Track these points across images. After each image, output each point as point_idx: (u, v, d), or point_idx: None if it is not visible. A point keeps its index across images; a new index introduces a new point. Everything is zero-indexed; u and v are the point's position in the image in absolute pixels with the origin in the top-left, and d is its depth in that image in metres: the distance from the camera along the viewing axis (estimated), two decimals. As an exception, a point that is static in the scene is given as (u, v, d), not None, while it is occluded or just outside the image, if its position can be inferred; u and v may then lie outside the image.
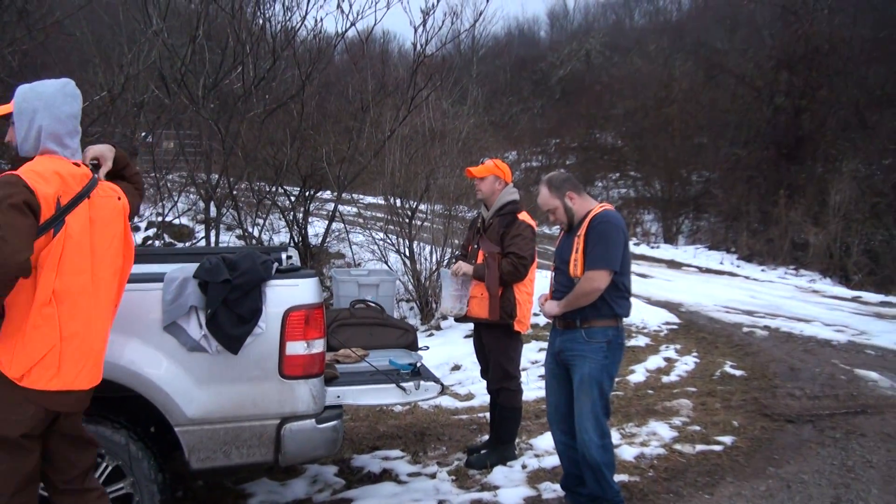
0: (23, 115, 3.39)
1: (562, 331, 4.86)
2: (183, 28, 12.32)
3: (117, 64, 11.86)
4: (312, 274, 4.48)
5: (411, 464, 6.08)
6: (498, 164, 6.02)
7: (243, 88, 11.90)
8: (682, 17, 45.85)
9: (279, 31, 12.33)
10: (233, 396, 4.25)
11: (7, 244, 2.99)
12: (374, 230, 14.25)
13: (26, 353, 3.20)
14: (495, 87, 33.76)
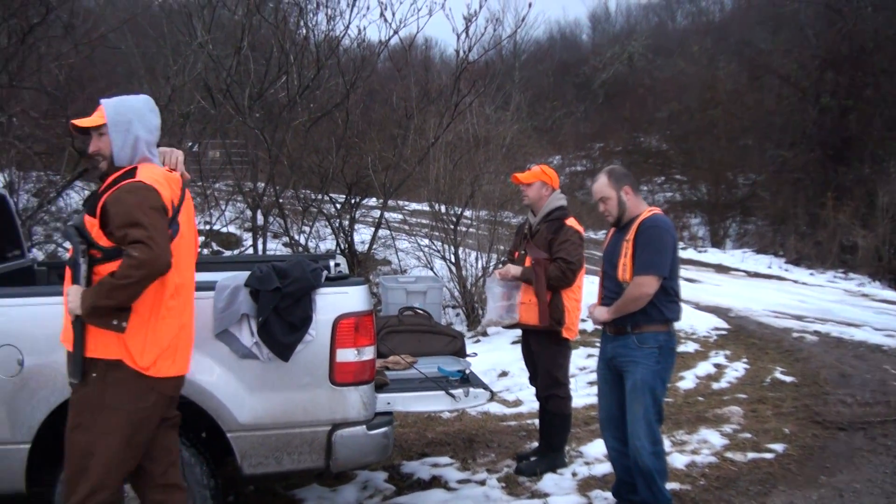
0: (118, 126, 3.58)
1: (613, 337, 4.84)
2: (227, 39, 12.47)
3: (163, 76, 12.04)
4: (362, 281, 4.51)
5: (460, 470, 6.08)
6: (544, 170, 6.01)
7: (288, 98, 11.99)
8: (725, 18, 45.28)
9: (323, 41, 12.41)
10: (284, 403, 4.31)
11: (157, 246, 3.31)
12: (419, 237, 14.29)
13: (156, 343, 3.50)
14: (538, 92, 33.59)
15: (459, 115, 12.92)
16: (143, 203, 3.41)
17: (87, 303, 3.35)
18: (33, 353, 4.15)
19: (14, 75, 10.02)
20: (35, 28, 9.94)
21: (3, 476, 4.17)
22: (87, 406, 3.46)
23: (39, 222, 12.21)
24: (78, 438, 3.44)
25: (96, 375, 3.44)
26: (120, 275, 3.32)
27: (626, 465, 4.89)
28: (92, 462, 3.43)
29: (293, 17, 13.02)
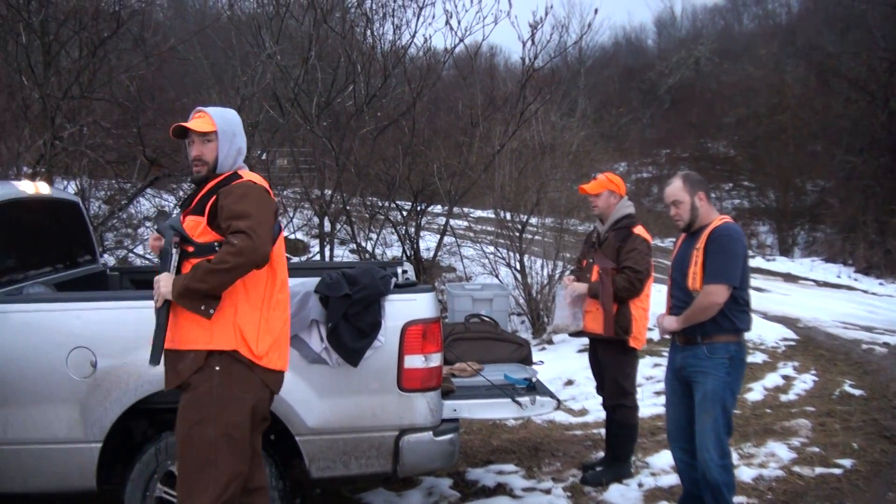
0: (226, 135, 3.71)
1: (682, 347, 4.78)
2: (295, 50, 12.63)
3: (232, 86, 12.24)
4: (430, 288, 4.55)
5: (526, 479, 6.07)
6: (611, 178, 5.97)
7: (355, 106, 12.12)
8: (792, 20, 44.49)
9: (390, 50, 12.51)
10: (352, 408, 4.37)
11: (258, 237, 3.40)
12: (484, 244, 14.30)
13: (269, 332, 3.61)
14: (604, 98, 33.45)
15: (525, 122, 12.92)
16: (254, 197, 3.55)
17: (180, 284, 3.44)
18: (106, 355, 4.27)
19: (85, 87, 10.27)
20: (106, 41, 10.18)
21: (75, 474, 4.29)
22: (212, 399, 3.53)
23: (111, 229, 12.49)
24: (204, 433, 3.51)
25: (220, 369, 3.53)
26: (217, 259, 3.42)
27: (693, 477, 4.83)
28: (222, 454, 3.52)
29: (360, 27, 13.15)
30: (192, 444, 3.52)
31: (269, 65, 11.55)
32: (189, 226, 3.59)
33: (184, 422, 3.55)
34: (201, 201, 3.62)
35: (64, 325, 4.30)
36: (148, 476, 4.35)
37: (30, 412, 4.28)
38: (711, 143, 33.33)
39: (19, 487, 4.39)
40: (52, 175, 9.59)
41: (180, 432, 3.56)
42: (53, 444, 4.30)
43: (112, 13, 10.15)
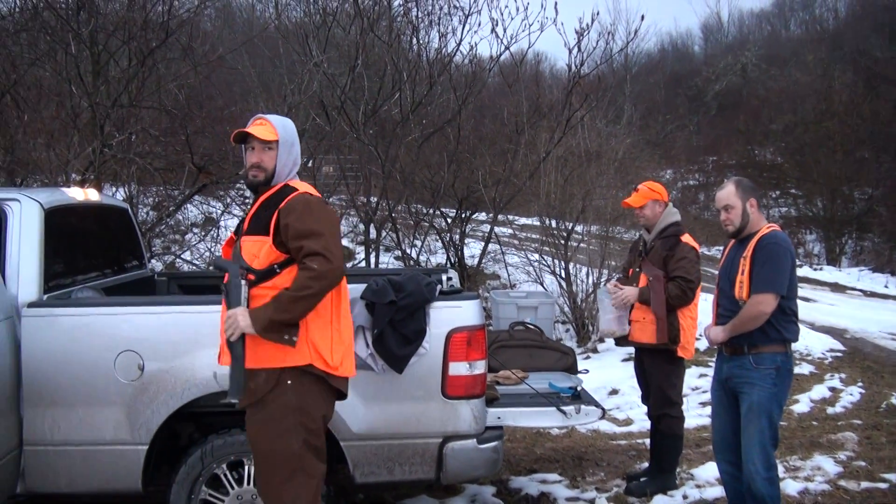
0: (286, 144, 3.72)
1: (729, 357, 4.71)
2: (342, 58, 12.73)
3: (279, 95, 12.34)
4: (475, 296, 4.54)
5: (569, 488, 6.02)
6: (652, 187, 5.89)
7: (401, 114, 12.17)
8: (840, 25, 43.86)
9: (435, 58, 12.54)
10: (397, 414, 4.37)
11: (335, 257, 3.45)
12: (529, 251, 14.26)
13: (341, 342, 3.64)
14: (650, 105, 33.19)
15: (571, 129, 12.88)
16: (318, 212, 3.55)
17: (263, 318, 3.43)
18: (153, 358, 4.32)
19: (134, 96, 10.43)
20: (155, 51, 10.32)
21: (121, 475, 4.34)
22: (289, 412, 3.56)
23: (158, 235, 12.66)
24: (288, 445, 3.55)
25: (292, 382, 3.54)
26: (298, 286, 3.43)
27: (738, 489, 4.76)
28: (308, 461, 3.60)
29: (406, 36, 13.21)
30: (275, 457, 3.56)
31: (315, 73, 11.65)
32: (249, 248, 3.59)
33: (263, 437, 3.57)
34: (260, 219, 3.61)
35: (112, 328, 4.35)
36: (193, 478, 4.39)
37: (77, 414, 4.34)
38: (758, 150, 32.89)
39: (66, 488, 4.45)
40: (101, 182, 9.74)
41: (261, 448, 3.59)
42: (100, 445, 4.35)
43: (161, 23, 10.28)
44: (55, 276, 4.81)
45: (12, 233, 4.55)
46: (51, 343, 4.34)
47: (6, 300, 4.36)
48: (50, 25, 10.31)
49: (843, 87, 28.55)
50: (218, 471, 4.42)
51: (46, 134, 9.56)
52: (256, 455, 3.63)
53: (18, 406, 4.35)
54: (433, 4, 13.18)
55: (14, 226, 4.54)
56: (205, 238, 13.77)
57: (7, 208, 4.60)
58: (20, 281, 4.47)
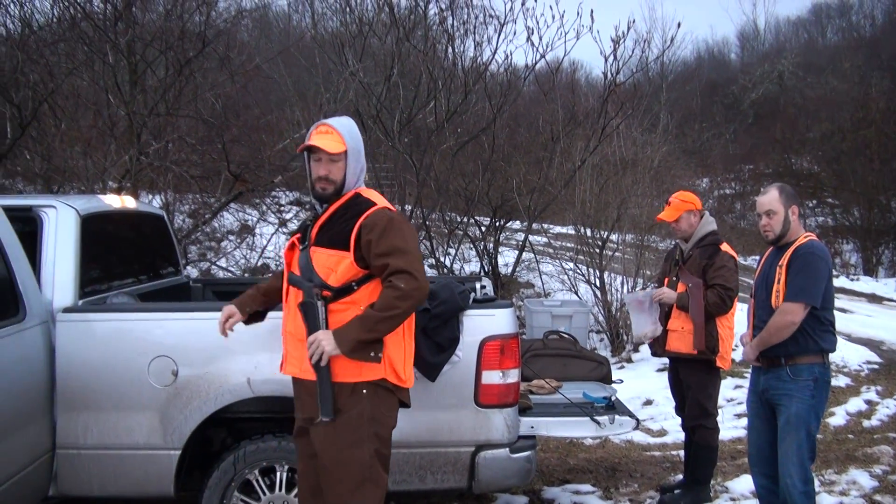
0: (353, 153, 3.63)
1: (766, 369, 4.63)
2: (378, 67, 12.78)
3: (315, 104, 12.41)
4: (508, 304, 4.51)
5: (603, 499, 5.98)
6: (684, 199, 5.82)
7: (436, 122, 12.19)
8: (877, 33, 43.37)
9: (471, 66, 12.55)
10: (429, 422, 4.34)
11: (420, 275, 3.47)
12: (563, 260, 14.19)
13: (410, 356, 3.69)
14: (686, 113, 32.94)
15: (606, 137, 12.83)
16: (400, 228, 3.51)
17: (350, 340, 3.41)
18: (187, 364, 4.34)
19: (171, 104, 10.53)
20: (192, 60, 10.42)
21: (154, 480, 4.35)
22: (364, 421, 3.55)
23: (194, 242, 12.76)
24: (360, 454, 3.55)
25: (367, 392, 3.54)
26: (384, 306, 3.41)
27: (774, 503, 4.69)
28: (376, 471, 3.60)
29: (442, 44, 13.24)
30: (347, 465, 3.55)
31: (351, 82, 11.71)
32: (324, 261, 3.53)
33: (334, 445, 3.56)
34: (336, 231, 3.55)
35: (146, 334, 4.38)
36: (226, 484, 4.40)
37: (111, 418, 4.37)
38: (795, 158, 32.48)
39: (98, 491, 4.48)
40: (138, 189, 9.84)
41: (330, 456, 3.56)
42: (133, 450, 4.38)
43: (198, 34, 10.39)
44: (91, 282, 4.85)
45: (48, 239, 4.59)
46: (85, 348, 4.37)
47: (42, 305, 4.40)
48: (88, 35, 10.43)
49: (881, 94, 28.19)
50: (250, 476, 4.43)
51: (83, 142, 9.69)
52: (325, 463, 3.58)
53: (52, 410, 4.39)
54: (469, 13, 13.21)
55: (50, 232, 4.58)
56: (240, 245, 13.86)
57: (44, 215, 4.65)
58: (55, 286, 4.51)
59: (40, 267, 4.54)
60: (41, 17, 11.90)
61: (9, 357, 4.06)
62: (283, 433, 4.43)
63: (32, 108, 9.82)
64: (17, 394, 4.11)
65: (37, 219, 4.65)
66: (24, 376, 4.19)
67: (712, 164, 31.35)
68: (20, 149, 10.24)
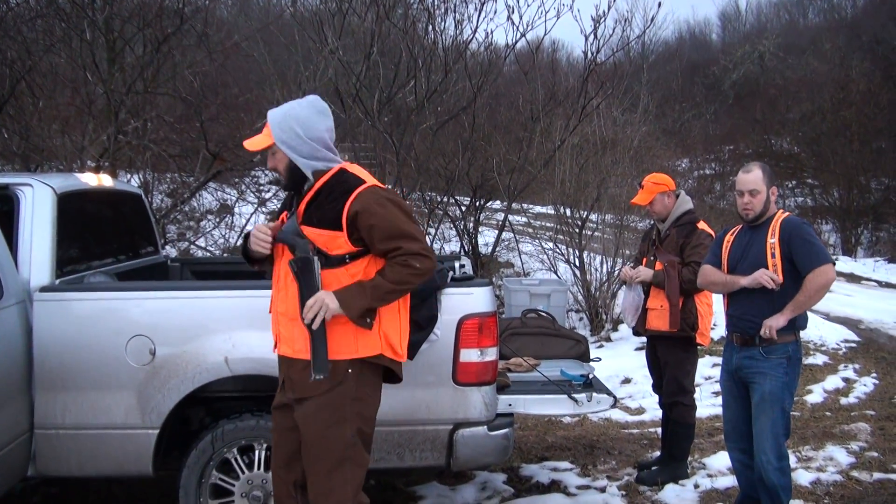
0: (287, 141, 3.61)
1: (739, 347, 4.68)
2: (357, 46, 12.70)
3: (294, 82, 12.33)
4: (487, 283, 4.51)
5: (580, 476, 6.03)
6: (656, 181, 5.84)
7: (416, 101, 12.14)
8: (858, 14, 43.38)
9: (451, 45, 12.50)
10: (407, 400, 4.34)
11: (432, 254, 3.57)
12: (543, 240, 14.22)
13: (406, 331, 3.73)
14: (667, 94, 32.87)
15: (587, 117, 12.84)
16: (404, 211, 3.55)
17: (358, 306, 3.44)
18: (165, 343, 4.33)
19: (149, 82, 10.43)
20: (170, 37, 10.30)
21: (132, 459, 4.35)
22: (347, 401, 3.56)
23: (173, 221, 12.71)
24: (341, 433, 3.55)
25: (352, 371, 3.55)
26: (399, 280, 3.46)
27: (750, 478, 4.73)
28: (357, 450, 3.61)
29: (422, 23, 13.17)
30: (327, 444, 3.55)
31: (331, 60, 11.64)
32: (314, 238, 3.51)
33: (317, 424, 3.55)
34: (324, 210, 3.53)
35: (124, 313, 4.36)
36: (204, 463, 4.40)
37: (89, 398, 4.36)
38: (775, 139, 32.57)
39: (76, 471, 4.48)
40: (116, 168, 9.77)
41: (313, 434, 3.56)
42: (111, 429, 4.37)
43: (175, 10, 10.28)
44: (68, 261, 4.83)
45: (25, 218, 4.55)
46: (63, 327, 4.35)
47: (18, 284, 4.38)
48: (65, 12, 10.31)
49: (861, 76, 28.30)
50: (229, 455, 4.43)
51: (61, 120, 9.61)
52: (307, 440, 3.59)
53: (30, 390, 4.37)
54: (449, -9, 13.14)
55: (27, 211, 4.55)
56: (219, 225, 13.82)
57: (20, 193, 4.61)
58: (32, 265, 4.48)
59: (17, 246, 4.50)
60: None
61: (-14, 336, 4.03)
62: (260, 412, 4.43)
63: (9, 86, 9.70)
64: (-5, 373, 4.08)
65: (13, 197, 4.61)
66: (2, 356, 4.17)
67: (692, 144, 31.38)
68: (-3, 127, 10.14)
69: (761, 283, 4.47)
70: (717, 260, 4.85)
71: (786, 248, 4.46)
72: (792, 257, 4.45)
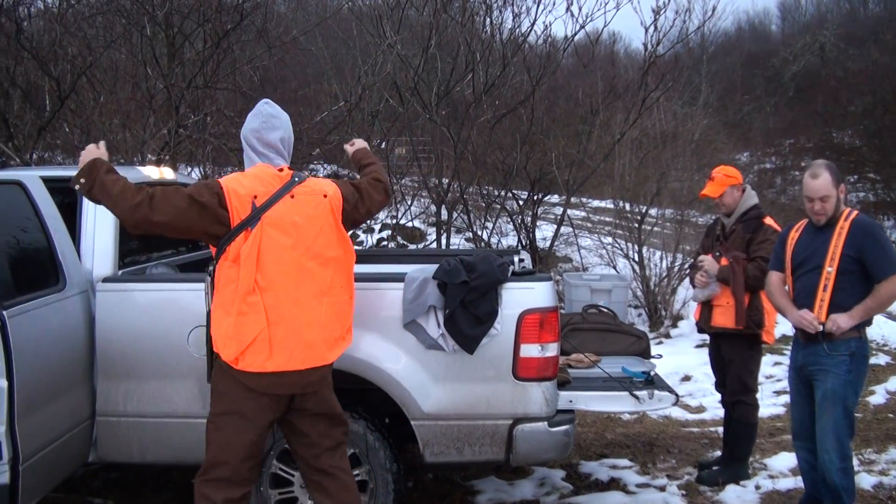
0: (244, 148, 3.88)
1: (804, 344, 4.57)
2: (415, 39, 12.73)
3: (352, 76, 12.38)
4: (548, 277, 4.48)
5: (640, 474, 5.94)
6: (727, 173, 5.73)
7: (474, 95, 12.12)
8: (920, 3, 42.36)
9: (509, 38, 12.46)
10: (467, 395, 4.34)
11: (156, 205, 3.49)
12: (602, 234, 14.09)
13: (238, 338, 3.51)
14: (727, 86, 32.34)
15: (646, 110, 12.70)
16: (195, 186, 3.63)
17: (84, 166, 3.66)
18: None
19: (209, 77, 10.53)
20: (229, 33, 10.41)
21: (193, 448, 4.32)
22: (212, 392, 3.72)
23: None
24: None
25: (216, 365, 3.66)
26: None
27: (816, 479, 4.63)
28: (210, 436, 3.67)
29: (480, 16, 13.15)
30: None
31: (389, 54, 11.67)
32: None
33: None
34: None
35: (185, 304, 4.38)
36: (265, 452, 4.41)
37: (150, 386, 4.41)
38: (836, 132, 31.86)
39: (137, 458, 4.54)
40: (177, 162, 9.87)
41: None
42: (172, 417, 4.43)
43: (235, 6, 10.37)
44: (130, 253, 4.90)
45: (87, 210, 4.63)
46: (125, 317, 4.40)
47: (81, 275, 4.44)
48: (125, 9, 10.47)
49: (924, 66, 27.59)
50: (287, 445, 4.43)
51: (122, 115, 9.72)
52: None
53: (92, 377, 4.44)
54: (508, -17, 13.10)
55: (89, 203, 4.60)
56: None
57: (83, 186, 4.67)
58: (95, 256, 4.56)
59: (80, 238, 4.58)
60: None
61: (50, 326, 4.10)
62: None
63: (71, 81, 9.85)
64: (58, 361, 4.15)
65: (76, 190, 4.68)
66: (65, 344, 4.24)
67: (753, 137, 30.87)
68: (59, 122, 10.31)
69: (802, 326, 4.44)
70: (781, 263, 4.75)
71: (855, 250, 4.34)
72: (862, 259, 4.33)
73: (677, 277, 11.81)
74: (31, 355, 3.86)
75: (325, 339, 3.67)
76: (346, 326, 3.81)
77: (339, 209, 3.80)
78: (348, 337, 3.83)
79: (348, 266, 3.83)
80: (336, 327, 3.72)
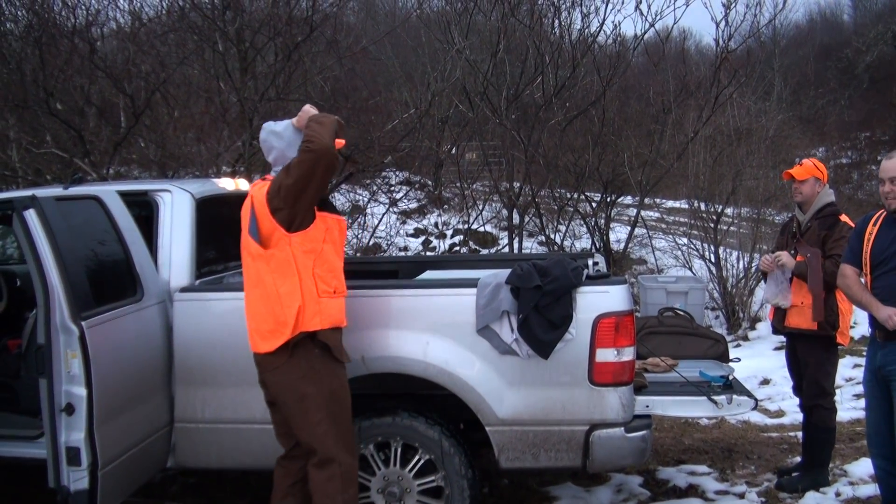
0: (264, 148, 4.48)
1: (882, 343, 4.37)
2: (483, 44, 12.74)
3: (422, 83, 12.44)
4: (623, 281, 4.43)
5: (719, 481, 5.84)
6: (817, 164, 5.63)
7: (544, 97, 12.10)
8: None
9: (578, 39, 12.39)
10: (543, 400, 4.32)
11: None
12: (677, 235, 13.91)
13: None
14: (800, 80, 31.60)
15: (720, 107, 12.52)
16: None
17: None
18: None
19: (281, 89, 10.66)
20: (300, 45, 10.52)
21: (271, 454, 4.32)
22: None
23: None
24: None
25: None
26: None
27: (893, 487, 4.46)
28: None
29: (548, 18, 13.11)
30: None
31: (458, 60, 11.73)
32: None
33: None
34: None
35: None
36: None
37: (228, 394, 4.50)
38: (913, 125, 30.90)
39: (215, 463, 4.66)
40: (251, 173, 10.02)
41: None
42: (250, 424, 4.49)
43: (304, 19, 10.49)
44: (207, 263, 5.00)
45: (164, 222, 4.76)
46: (202, 326, 4.51)
47: (159, 285, 4.56)
48: (197, 26, 10.65)
49: None
50: (365, 451, 4.47)
51: (196, 128, 9.90)
52: None
53: (170, 385, 4.55)
54: (575, -16, 13.04)
55: (166, 215, 4.74)
56: (351, 225, 14.04)
57: (159, 199, 4.82)
58: (172, 267, 4.68)
59: (157, 249, 4.70)
60: (150, 10, 12.21)
61: (129, 335, 4.22)
62: (395, 410, 4.48)
63: (145, 98, 10.06)
64: (136, 370, 4.27)
65: (153, 203, 4.82)
66: (143, 353, 4.36)
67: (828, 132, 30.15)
68: (134, 137, 10.52)
69: (892, 325, 4.22)
70: (857, 257, 4.52)
71: None
72: None
73: (755, 278, 11.58)
74: (110, 364, 3.98)
75: (253, 329, 4.04)
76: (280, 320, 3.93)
77: (250, 205, 4.04)
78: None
79: (261, 263, 3.99)
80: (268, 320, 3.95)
